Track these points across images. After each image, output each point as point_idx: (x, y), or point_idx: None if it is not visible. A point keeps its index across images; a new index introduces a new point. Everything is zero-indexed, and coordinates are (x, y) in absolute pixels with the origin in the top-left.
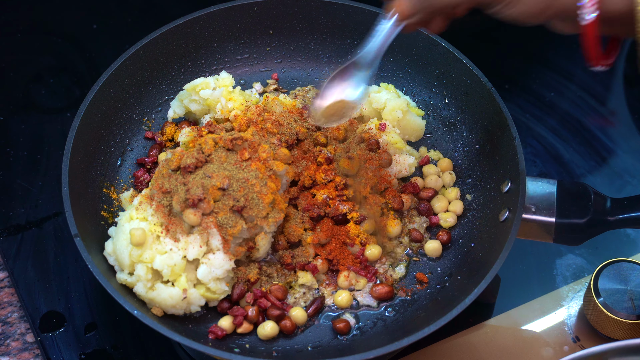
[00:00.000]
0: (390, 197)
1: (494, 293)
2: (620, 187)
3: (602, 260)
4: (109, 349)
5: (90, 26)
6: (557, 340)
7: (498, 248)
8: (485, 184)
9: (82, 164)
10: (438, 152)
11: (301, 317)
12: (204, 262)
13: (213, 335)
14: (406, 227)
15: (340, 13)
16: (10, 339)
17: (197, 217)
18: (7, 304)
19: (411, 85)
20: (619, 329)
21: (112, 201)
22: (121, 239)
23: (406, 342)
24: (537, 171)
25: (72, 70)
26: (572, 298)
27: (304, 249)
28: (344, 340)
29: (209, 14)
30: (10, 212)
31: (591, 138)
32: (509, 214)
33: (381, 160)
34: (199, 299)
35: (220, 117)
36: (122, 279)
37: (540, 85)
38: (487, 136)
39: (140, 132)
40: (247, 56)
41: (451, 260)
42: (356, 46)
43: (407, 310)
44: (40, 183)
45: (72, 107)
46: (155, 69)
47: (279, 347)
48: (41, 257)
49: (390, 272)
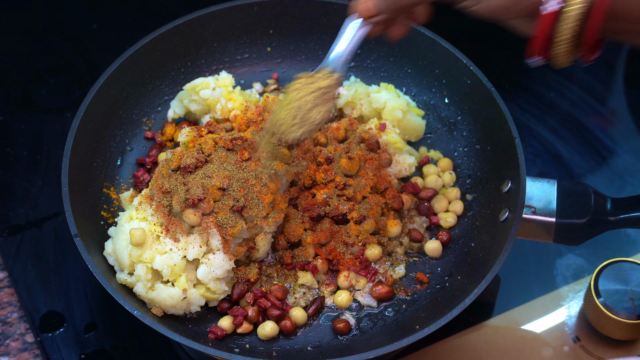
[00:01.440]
0: (390, 197)
1: (494, 293)
2: (620, 187)
3: (602, 260)
4: (109, 349)
5: (90, 26)
6: (557, 340)
7: (498, 248)
8: (485, 184)
9: (82, 164)
10: (438, 152)
11: (301, 317)
12: (204, 262)
13: (213, 335)
14: (406, 227)
15: (340, 13)
16: (10, 339)
17: (197, 217)
18: (7, 304)
19: (411, 85)
20: (619, 329)
21: (112, 201)
22: (121, 239)
23: (406, 342)
24: (537, 171)
25: (72, 70)
26: (572, 298)
27: (304, 249)
28: (344, 340)
29: (209, 14)
30: (10, 212)
31: (591, 138)
32: (509, 214)
33: (381, 160)
34: (199, 299)
35: (220, 117)
36: (122, 279)
37: (540, 85)
38: (487, 136)
39: (140, 132)
40: (247, 56)
41: (451, 260)
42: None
43: (407, 310)
44: (40, 183)
45: (72, 107)
46: (155, 69)
47: (279, 347)
48: (41, 257)
49: (390, 272)
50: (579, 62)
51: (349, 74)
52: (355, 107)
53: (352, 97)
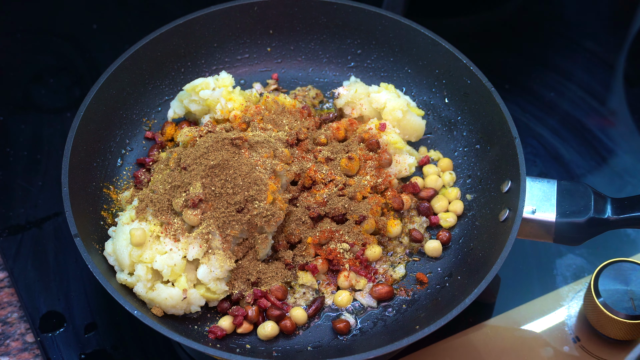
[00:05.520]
0: (390, 197)
1: (494, 293)
2: (620, 187)
3: (602, 260)
4: (109, 349)
5: (90, 26)
6: (557, 340)
7: (498, 248)
8: (485, 184)
9: (82, 164)
10: (438, 152)
11: (301, 317)
12: (204, 262)
13: (213, 335)
14: (406, 227)
15: (340, 13)
16: (10, 339)
17: (197, 217)
18: (7, 304)
19: (411, 85)
20: (619, 329)
21: (112, 201)
22: (121, 239)
23: (406, 342)
24: (537, 171)
25: (72, 70)
26: (572, 298)
27: (304, 248)
28: (344, 340)
29: (209, 14)
30: (10, 212)
31: (591, 138)
32: (509, 214)
33: (381, 160)
34: (199, 299)
35: (220, 117)
36: (122, 279)
37: (540, 85)
38: (487, 136)
39: (140, 132)
40: (247, 56)
41: (451, 260)
42: (356, 46)
43: (407, 310)
44: (40, 183)
45: (72, 107)
46: (155, 69)
47: (279, 347)
48: (41, 257)
49: (390, 272)
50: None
51: (349, 74)
52: (355, 107)
53: (352, 97)
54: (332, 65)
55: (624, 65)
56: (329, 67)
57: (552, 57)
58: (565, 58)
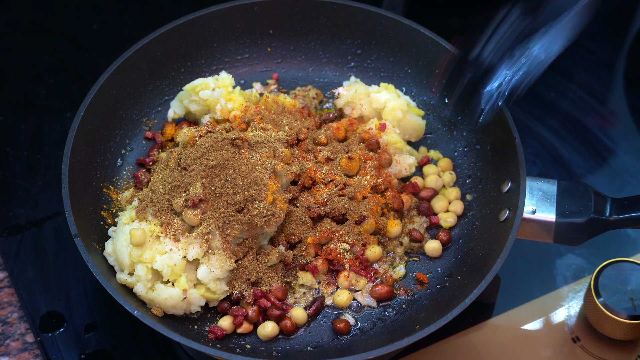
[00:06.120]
0: (390, 197)
1: (494, 293)
2: (620, 187)
3: (602, 260)
4: (109, 349)
5: (90, 26)
6: (557, 340)
7: (498, 248)
8: (485, 184)
9: (82, 164)
10: (438, 152)
11: (301, 317)
12: (204, 262)
13: (213, 335)
14: (406, 227)
15: (340, 13)
16: (10, 339)
17: (197, 217)
18: (7, 304)
19: (411, 85)
20: (619, 329)
21: (112, 201)
22: (121, 239)
23: (406, 342)
24: (537, 171)
25: (72, 70)
26: (572, 298)
27: (304, 248)
28: (344, 340)
29: (209, 14)
30: (10, 212)
31: (591, 138)
32: (509, 214)
33: (381, 160)
34: (199, 299)
35: (219, 117)
36: (122, 279)
37: (540, 85)
38: (487, 136)
39: (140, 132)
40: (247, 56)
41: (451, 260)
42: (356, 46)
43: (407, 310)
44: (40, 183)
45: (72, 107)
46: (155, 69)
47: (279, 347)
48: (41, 257)
49: (390, 272)
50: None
51: (349, 74)
52: (355, 107)
53: (352, 97)
54: (332, 65)
55: (624, 65)
56: (329, 67)
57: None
58: (565, 58)
